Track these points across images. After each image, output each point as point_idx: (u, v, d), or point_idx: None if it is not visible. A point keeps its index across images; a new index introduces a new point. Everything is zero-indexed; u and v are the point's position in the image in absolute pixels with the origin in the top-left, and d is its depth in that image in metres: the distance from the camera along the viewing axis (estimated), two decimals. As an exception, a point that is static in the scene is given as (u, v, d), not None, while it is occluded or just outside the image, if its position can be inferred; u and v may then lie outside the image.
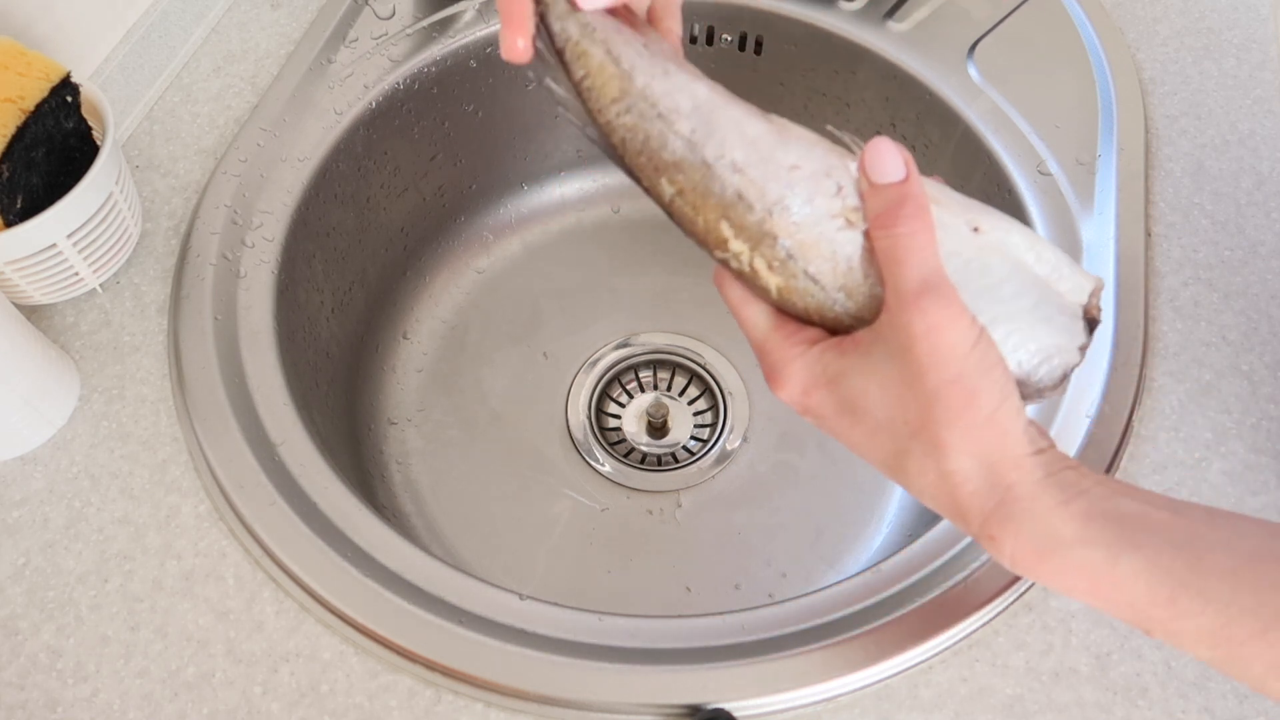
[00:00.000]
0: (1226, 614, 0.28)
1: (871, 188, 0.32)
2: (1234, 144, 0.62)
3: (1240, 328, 0.54)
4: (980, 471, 0.30)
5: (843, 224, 0.32)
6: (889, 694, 0.44)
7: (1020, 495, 0.30)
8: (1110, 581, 0.29)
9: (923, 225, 0.31)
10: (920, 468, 0.31)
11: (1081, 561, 0.29)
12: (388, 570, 0.47)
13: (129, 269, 0.58)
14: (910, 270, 0.30)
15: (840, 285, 0.32)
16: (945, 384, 0.30)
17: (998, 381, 0.30)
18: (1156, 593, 0.29)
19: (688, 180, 0.32)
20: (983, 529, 0.31)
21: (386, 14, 0.69)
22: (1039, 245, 0.33)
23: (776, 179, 0.32)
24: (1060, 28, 0.67)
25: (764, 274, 0.32)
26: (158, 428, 0.52)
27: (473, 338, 0.75)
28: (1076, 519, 0.29)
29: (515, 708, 0.44)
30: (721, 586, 0.64)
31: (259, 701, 0.44)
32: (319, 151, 0.62)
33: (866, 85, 0.69)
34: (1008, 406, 0.30)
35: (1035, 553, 0.30)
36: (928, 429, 0.30)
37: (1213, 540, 0.29)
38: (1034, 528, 0.30)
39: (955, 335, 0.30)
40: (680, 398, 0.74)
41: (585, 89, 0.33)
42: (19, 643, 0.46)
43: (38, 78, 0.51)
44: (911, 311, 0.30)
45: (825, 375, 0.32)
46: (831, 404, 0.32)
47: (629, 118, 0.32)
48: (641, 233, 0.80)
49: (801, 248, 0.32)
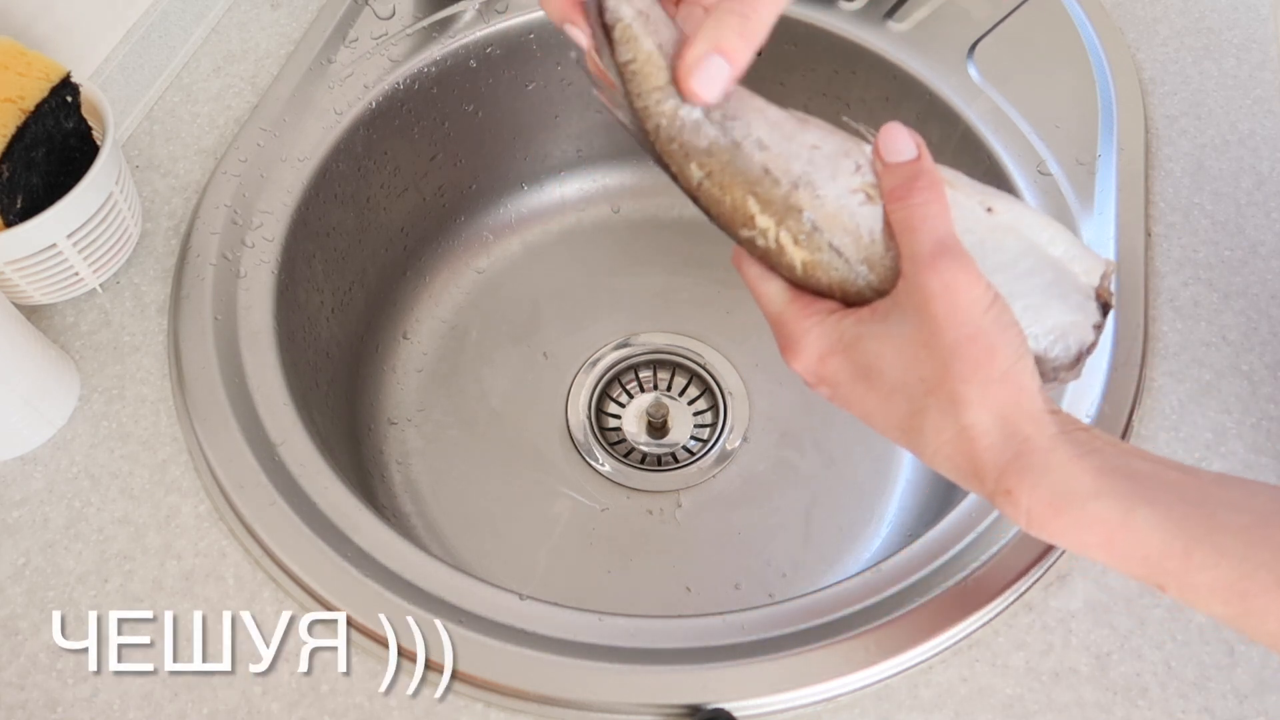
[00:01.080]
0: (1241, 569, 0.28)
1: (886, 167, 0.33)
2: (1234, 144, 0.61)
3: (1240, 328, 0.54)
4: (997, 425, 0.31)
5: (863, 198, 0.33)
6: (889, 694, 0.44)
7: (1037, 448, 0.30)
8: (1125, 534, 0.29)
9: (936, 196, 0.32)
10: (937, 426, 0.31)
11: (1097, 514, 0.29)
12: (388, 570, 0.47)
13: (129, 269, 0.58)
14: (925, 236, 0.32)
15: (863, 258, 0.33)
16: (963, 340, 0.30)
17: (1013, 340, 0.31)
18: (1171, 546, 0.29)
19: (717, 161, 0.33)
20: (999, 483, 0.31)
21: (386, 14, 0.69)
22: (1052, 227, 0.34)
23: (799, 157, 0.33)
24: (1060, 28, 0.67)
25: (790, 249, 0.33)
26: (158, 428, 0.52)
27: (473, 338, 0.75)
28: (1091, 473, 0.30)
29: (515, 708, 0.44)
30: (721, 586, 0.64)
31: (259, 701, 0.44)
32: (319, 151, 0.62)
33: (866, 85, 0.69)
34: (1023, 364, 0.31)
35: (1051, 505, 0.30)
36: (946, 384, 0.31)
37: (1226, 499, 0.30)
38: (1051, 480, 0.30)
39: (973, 294, 0.31)
40: (680, 398, 0.74)
41: (630, 73, 0.33)
42: (19, 643, 0.46)
43: (38, 78, 0.51)
44: (928, 272, 0.31)
45: (842, 341, 0.33)
46: (847, 370, 0.33)
47: (668, 105, 0.33)
48: (641, 233, 0.80)
49: (826, 220, 0.33)
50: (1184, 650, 0.44)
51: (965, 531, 0.48)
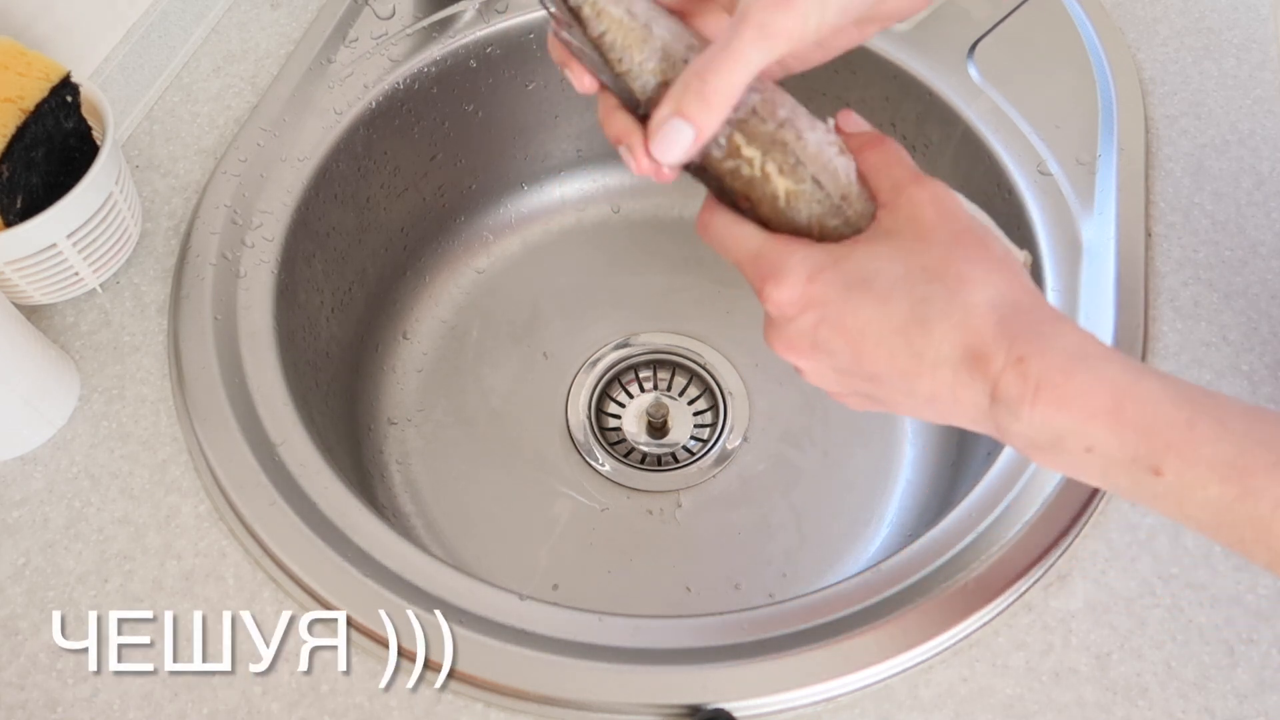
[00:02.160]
0: (1243, 444, 0.29)
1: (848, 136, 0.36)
2: (1234, 144, 0.61)
3: (1240, 328, 0.54)
4: (1005, 300, 0.31)
5: (839, 149, 0.35)
6: (889, 694, 0.44)
7: (1045, 317, 0.31)
8: (1133, 398, 0.30)
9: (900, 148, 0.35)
10: (944, 310, 0.31)
11: (1109, 375, 0.30)
12: (388, 570, 0.48)
13: (129, 269, 0.58)
14: (901, 169, 0.34)
15: (842, 194, 0.35)
16: (960, 231, 0.33)
17: (1001, 237, 0.34)
18: (1176, 414, 0.29)
19: None
20: (1010, 352, 0.30)
21: (386, 14, 0.69)
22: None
23: (784, 104, 0.35)
24: (1060, 28, 0.67)
25: (775, 177, 0.34)
26: (158, 428, 0.52)
27: (473, 338, 0.75)
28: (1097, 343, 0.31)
29: (515, 708, 0.44)
30: (721, 586, 0.64)
31: (259, 701, 0.44)
32: (319, 151, 0.62)
33: (866, 85, 0.69)
34: (1012, 254, 0.33)
35: (1063, 368, 0.30)
36: (951, 265, 0.32)
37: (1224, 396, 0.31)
38: (1063, 343, 0.30)
39: (957, 200, 0.33)
40: (680, 398, 0.74)
41: (607, 44, 0.34)
42: (19, 643, 0.46)
43: (38, 78, 0.51)
44: (912, 188, 0.33)
45: (831, 256, 0.33)
46: (839, 281, 0.33)
47: (653, 63, 0.34)
48: (641, 233, 0.80)
49: (809, 157, 0.34)
50: (1184, 650, 0.44)
51: (965, 531, 0.48)
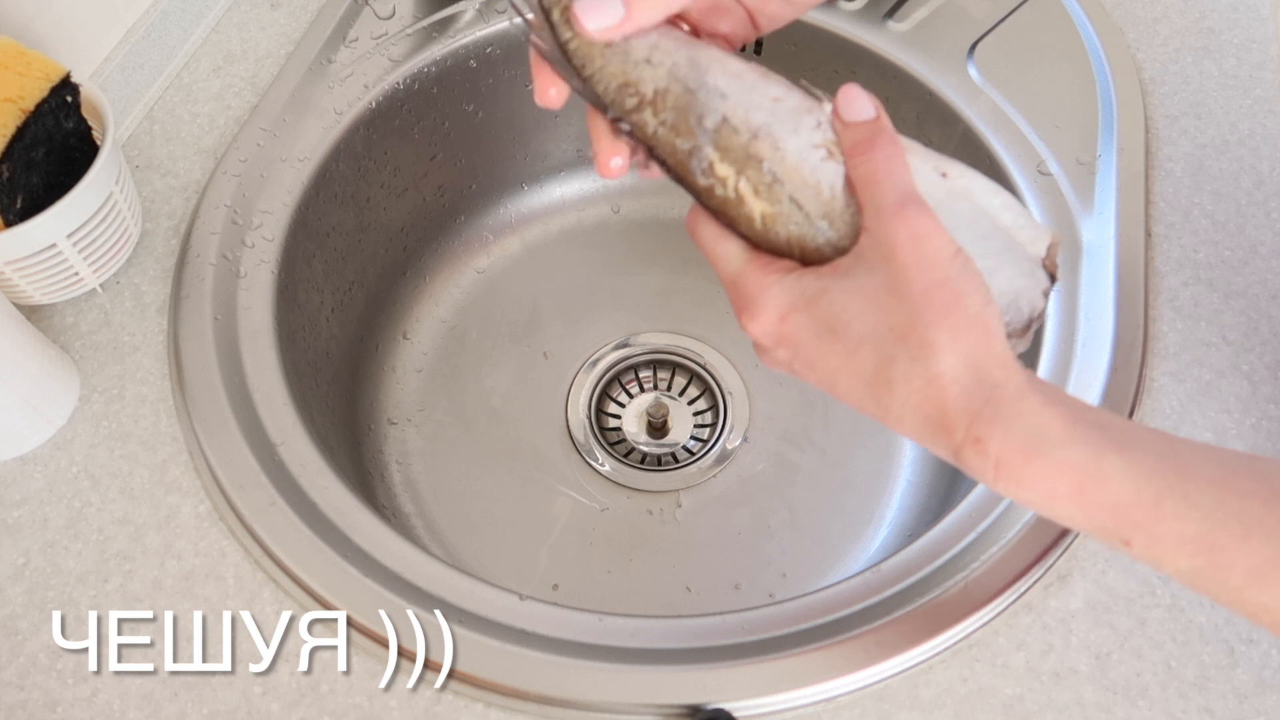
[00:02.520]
0: (1211, 519, 0.28)
1: (846, 125, 0.33)
2: (1234, 144, 0.61)
3: (1240, 328, 0.54)
4: (968, 371, 0.30)
5: (825, 154, 0.33)
6: (889, 694, 0.44)
7: (1007, 394, 0.30)
8: (1096, 481, 0.29)
9: (897, 152, 0.32)
10: (906, 374, 0.31)
11: (1068, 460, 0.29)
12: (388, 570, 0.48)
13: (129, 269, 0.58)
14: (888, 188, 0.32)
15: (823, 213, 0.33)
16: (932, 285, 0.30)
17: (980, 286, 0.31)
18: (1142, 493, 0.29)
19: (673, 106, 0.33)
20: (969, 430, 0.30)
21: (386, 14, 0.69)
22: (1001, 195, 0.34)
23: (761, 107, 0.33)
24: (1060, 28, 0.67)
25: (749, 199, 0.33)
26: (158, 428, 0.52)
27: (473, 338, 0.75)
28: (1062, 420, 0.30)
29: (515, 708, 0.44)
30: (721, 586, 0.64)
31: (259, 701, 0.44)
32: (319, 151, 0.62)
33: (867, 85, 0.68)
34: (992, 309, 0.31)
35: (1022, 451, 0.30)
36: (916, 330, 0.30)
37: (1196, 453, 0.30)
38: (1022, 425, 0.30)
39: (940, 242, 0.31)
40: (680, 398, 0.74)
41: (573, 49, 0.34)
42: (19, 643, 0.46)
43: (37, 78, 0.51)
44: (894, 221, 0.31)
45: (804, 296, 0.32)
46: (810, 326, 0.32)
47: (615, 66, 0.33)
48: (641, 233, 0.80)
49: (786, 172, 0.33)
50: (1184, 650, 0.44)
51: (965, 531, 0.48)
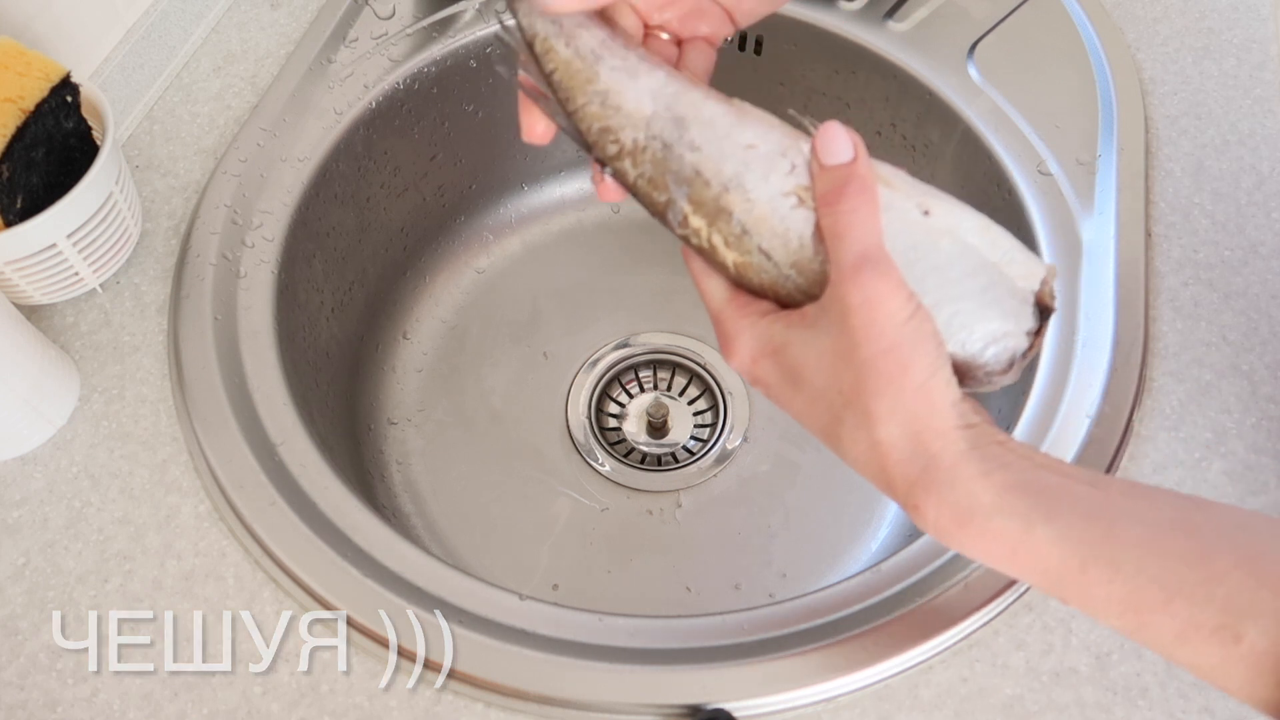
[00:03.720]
0: (1134, 582, 0.29)
1: (821, 169, 0.33)
2: (1234, 144, 0.62)
3: (1240, 328, 0.54)
4: (907, 441, 0.31)
5: (795, 202, 0.33)
6: (889, 694, 0.44)
7: (943, 465, 0.31)
8: (1025, 549, 0.30)
9: (864, 202, 0.32)
10: (853, 437, 0.32)
11: (998, 529, 0.30)
12: (388, 570, 0.48)
13: (129, 269, 0.58)
14: (849, 244, 0.32)
15: (792, 262, 0.33)
16: (878, 354, 0.31)
17: (929, 355, 0.31)
18: (1068, 561, 0.30)
19: (650, 162, 0.34)
20: (907, 497, 0.32)
21: (386, 14, 0.69)
22: (991, 230, 0.34)
23: (732, 157, 0.33)
24: (1060, 28, 0.67)
25: (721, 249, 0.34)
26: (158, 428, 0.52)
27: (473, 338, 0.75)
28: (995, 489, 0.30)
29: (515, 708, 0.44)
30: (721, 586, 0.64)
31: (259, 701, 0.44)
32: (319, 151, 0.62)
33: (866, 85, 0.69)
34: (937, 380, 0.31)
35: (954, 520, 0.31)
36: (860, 398, 0.31)
37: (1127, 511, 0.30)
38: (954, 496, 0.31)
39: (891, 307, 0.31)
40: (680, 398, 0.74)
41: (555, 82, 0.34)
42: (19, 643, 0.46)
43: (37, 77, 0.51)
44: (849, 284, 0.31)
45: (771, 345, 0.34)
46: (776, 373, 0.34)
47: (594, 108, 0.34)
48: (641, 233, 0.80)
49: (755, 223, 0.33)
50: (1184, 650, 0.44)
51: (965, 531, 0.48)
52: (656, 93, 0.34)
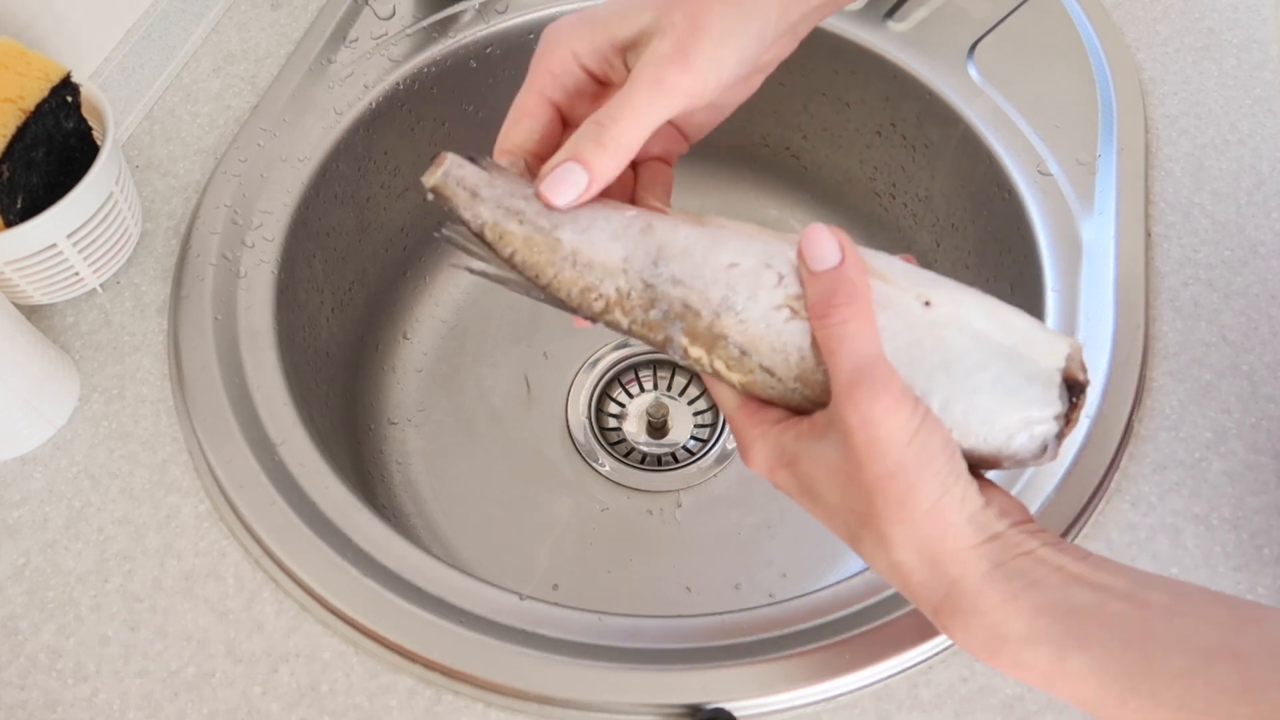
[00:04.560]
0: (1177, 716, 0.28)
1: (809, 275, 0.32)
2: (1234, 144, 0.61)
3: (1240, 328, 0.54)
4: (924, 565, 0.30)
5: (788, 314, 0.32)
6: (889, 694, 0.44)
7: (965, 591, 0.30)
8: (1060, 679, 0.29)
9: (854, 311, 0.31)
10: (872, 555, 0.32)
11: (1031, 659, 0.29)
12: (388, 570, 0.47)
13: (129, 269, 0.58)
14: (843, 360, 0.30)
15: (795, 375, 0.32)
16: (882, 477, 0.30)
17: (938, 473, 0.30)
18: (1106, 693, 0.29)
19: (637, 307, 0.33)
20: (935, 618, 0.31)
21: (386, 14, 0.69)
22: (1002, 312, 0.32)
23: (716, 281, 0.32)
24: (1060, 28, 0.67)
25: (725, 373, 0.33)
26: (158, 428, 0.52)
27: (473, 338, 0.75)
28: (1024, 614, 0.29)
29: (515, 708, 0.44)
30: (721, 586, 0.64)
31: (259, 701, 0.44)
32: (319, 151, 0.62)
33: (866, 85, 0.69)
34: (950, 498, 0.30)
35: (985, 649, 0.30)
36: (872, 521, 0.31)
37: (1167, 636, 0.28)
38: (980, 624, 0.30)
39: (891, 427, 0.29)
40: (680, 398, 0.74)
41: (519, 262, 0.34)
42: (19, 643, 0.46)
43: (38, 78, 0.51)
44: (846, 404, 0.30)
45: (784, 456, 0.33)
46: (794, 484, 0.33)
47: (567, 273, 0.33)
48: (641, 233, 0.80)
49: (752, 343, 0.32)
50: (1184, 650, 0.44)
51: (965, 531, 0.48)
52: (623, 236, 0.33)
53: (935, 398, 0.31)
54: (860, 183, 0.76)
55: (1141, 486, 0.49)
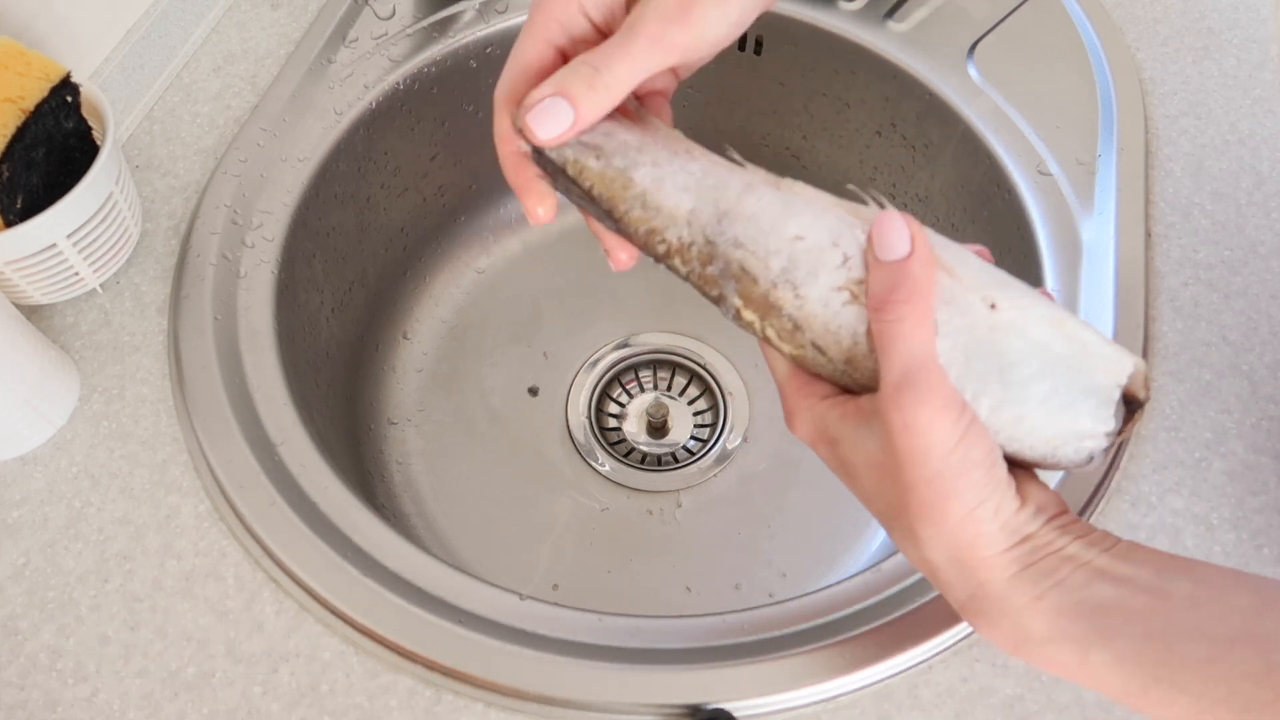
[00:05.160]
0: (1200, 704, 0.28)
1: (875, 263, 0.31)
2: (1234, 144, 0.62)
3: (1240, 328, 0.54)
4: (953, 567, 0.31)
5: (847, 298, 0.31)
6: (889, 694, 0.44)
7: (991, 593, 0.30)
8: (1084, 673, 0.30)
9: (912, 310, 0.30)
10: (903, 544, 0.33)
11: (1054, 656, 0.30)
12: (388, 570, 0.48)
13: (129, 269, 0.58)
14: (894, 359, 0.30)
15: (846, 359, 0.32)
16: (920, 481, 0.30)
17: (976, 483, 0.30)
18: (1129, 685, 0.29)
19: (696, 260, 0.33)
20: (961, 613, 0.32)
21: (386, 14, 0.69)
22: (1068, 323, 0.31)
23: (779, 252, 0.32)
24: (1060, 28, 0.67)
25: (776, 342, 0.33)
26: (158, 428, 0.52)
27: (473, 338, 0.75)
28: (1047, 614, 0.30)
29: (515, 708, 0.44)
30: (721, 586, 0.64)
31: (259, 701, 0.44)
32: (319, 151, 0.62)
33: (866, 85, 0.69)
34: (984, 509, 0.30)
35: (1010, 644, 0.31)
36: (904, 518, 0.31)
37: (1189, 626, 0.29)
38: (1006, 624, 0.30)
39: (934, 436, 0.29)
40: (680, 398, 0.74)
41: (596, 196, 0.34)
42: (19, 643, 0.46)
43: (38, 78, 0.51)
44: (891, 405, 0.30)
45: (827, 435, 0.33)
46: (833, 460, 0.34)
47: (636, 212, 0.34)
48: (641, 233, 0.80)
49: (807, 320, 0.32)
50: (1184, 650, 0.44)
51: (965, 531, 0.48)
52: (695, 188, 0.33)
53: (985, 400, 0.31)
54: (860, 183, 0.76)
55: (1141, 486, 0.49)
